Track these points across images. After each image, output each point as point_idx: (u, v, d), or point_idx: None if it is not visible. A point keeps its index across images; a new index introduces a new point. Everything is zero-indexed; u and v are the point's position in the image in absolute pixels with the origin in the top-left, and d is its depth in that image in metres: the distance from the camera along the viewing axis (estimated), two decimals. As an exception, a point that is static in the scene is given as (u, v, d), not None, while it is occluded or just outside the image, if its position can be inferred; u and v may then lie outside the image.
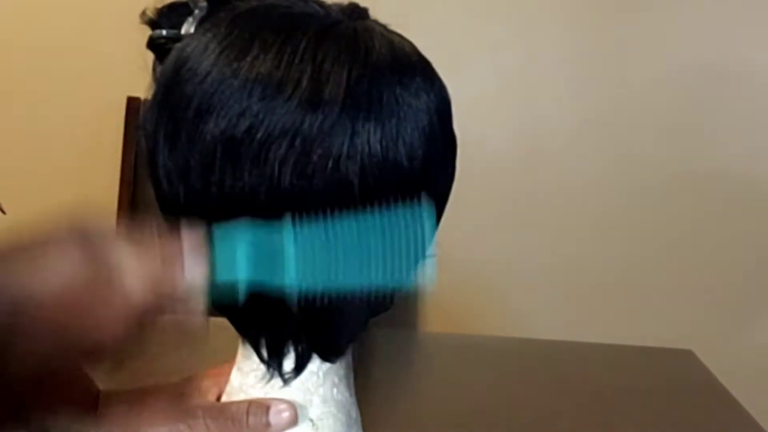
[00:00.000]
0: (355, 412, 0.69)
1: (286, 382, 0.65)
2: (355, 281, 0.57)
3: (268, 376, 0.65)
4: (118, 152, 1.84)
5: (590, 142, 2.00)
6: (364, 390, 0.72)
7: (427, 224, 0.57)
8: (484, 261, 1.99)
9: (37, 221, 0.56)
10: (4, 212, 0.75)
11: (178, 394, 0.70)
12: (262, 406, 0.65)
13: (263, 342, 0.65)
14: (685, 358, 1.43)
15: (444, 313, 1.99)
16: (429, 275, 0.58)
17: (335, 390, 0.67)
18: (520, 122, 2.00)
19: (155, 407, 0.68)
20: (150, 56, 0.66)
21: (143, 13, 0.64)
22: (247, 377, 0.67)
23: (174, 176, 0.59)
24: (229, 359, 0.70)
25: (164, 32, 0.62)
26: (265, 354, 0.65)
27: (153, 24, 0.64)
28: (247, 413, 0.65)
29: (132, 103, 1.83)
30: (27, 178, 1.92)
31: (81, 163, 1.97)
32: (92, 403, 0.70)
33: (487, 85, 1.94)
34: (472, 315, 1.98)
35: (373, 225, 0.57)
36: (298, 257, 0.56)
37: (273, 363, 0.65)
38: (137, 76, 0.66)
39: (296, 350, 0.65)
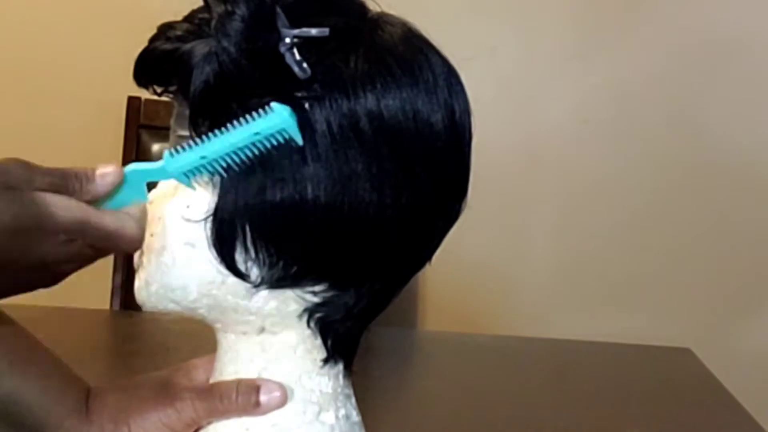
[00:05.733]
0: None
1: (350, 369, 0.68)
2: None
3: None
4: (118, 152, 1.84)
5: (590, 142, 2.00)
6: (364, 389, 0.72)
7: None
8: (484, 260, 2.00)
9: None
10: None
11: (166, 382, 0.70)
12: (252, 386, 0.66)
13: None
14: (684, 356, 1.43)
15: (444, 312, 1.99)
16: None
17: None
18: (520, 122, 2.00)
19: (144, 397, 0.68)
20: None
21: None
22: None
23: None
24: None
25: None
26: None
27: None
28: (237, 392, 0.66)
29: (132, 103, 1.83)
30: (27, 177, 1.92)
31: (81, 163, 1.96)
32: (83, 400, 0.70)
33: (485, 86, 1.94)
34: (471, 314, 1.99)
35: None
36: None
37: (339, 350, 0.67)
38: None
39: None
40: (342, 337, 0.67)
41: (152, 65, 0.64)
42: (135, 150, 1.81)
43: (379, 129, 0.61)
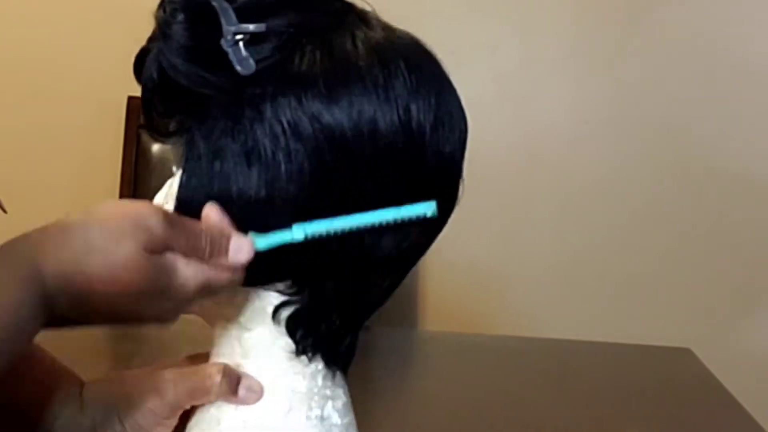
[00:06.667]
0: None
1: (333, 370, 0.68)
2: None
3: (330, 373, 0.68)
4: (118, 152, 1.85)
5: (589, 143, 2.00)
6: (364, 389, 0.72)
7: None
8: (483, 260, 2.00)
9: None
10: (5, 211, 0.76)
11: (154, 372, 0.71)
12: (235, 375, 0.66)
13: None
14: (684, 356, 1.44)
15: (443, 312, 1.99)
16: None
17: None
18: (519, 122, 2.00)
19: (131, 386, 0.69)
20: None
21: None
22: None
23: None
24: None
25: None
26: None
27: None
28: (222, 375, 0.66)
29: (132, 103, 1.83)
30: (28, 177, 1.92)
31: (81, 163, 1.97)
32: (77, 393, 0.71)
33: (485, 85, 1.94)
34: (471, 314, 1.99)
35: None
36: None
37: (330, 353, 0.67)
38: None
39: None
40: (316, 337, 0.66)
41: (139, 64, 0.65)
42: (135, 150, 1.82)
43: (321, 129, 0.61)
